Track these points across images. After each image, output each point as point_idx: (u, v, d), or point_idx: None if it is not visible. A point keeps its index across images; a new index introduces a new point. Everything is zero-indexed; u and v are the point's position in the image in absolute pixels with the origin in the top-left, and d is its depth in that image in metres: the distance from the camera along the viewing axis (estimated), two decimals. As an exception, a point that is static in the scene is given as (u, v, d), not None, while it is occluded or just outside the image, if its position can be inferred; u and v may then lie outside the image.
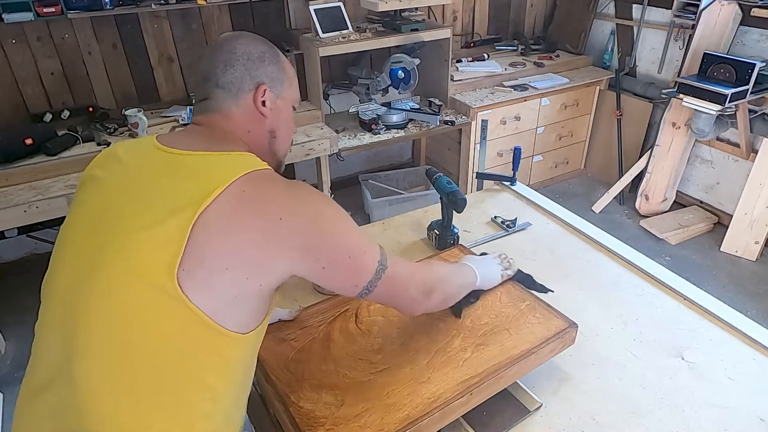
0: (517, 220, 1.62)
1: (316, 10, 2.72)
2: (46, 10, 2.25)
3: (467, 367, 0.98)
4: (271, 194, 0.79)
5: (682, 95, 2.79)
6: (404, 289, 0.93)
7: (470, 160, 3.25)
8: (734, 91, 2.59)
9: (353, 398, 0.92)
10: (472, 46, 3.68)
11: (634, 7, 3.48)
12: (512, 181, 1.82)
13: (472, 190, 2.57)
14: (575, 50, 3.73)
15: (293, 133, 1.04)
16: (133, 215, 0.77)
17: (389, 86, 2.88)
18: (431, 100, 3.11)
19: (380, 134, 2.91)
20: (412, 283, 0.94)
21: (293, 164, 3.19)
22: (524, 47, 3.70)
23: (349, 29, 2.81)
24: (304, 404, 0.91)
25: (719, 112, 2.68)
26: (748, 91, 2.65)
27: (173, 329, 0.73)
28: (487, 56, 3.58)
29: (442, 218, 1.48)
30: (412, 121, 3.03)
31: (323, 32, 2.73)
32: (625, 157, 3.58)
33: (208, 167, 0.81)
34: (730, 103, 2.61)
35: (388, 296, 0.91)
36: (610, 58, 3.67)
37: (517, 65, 3.47)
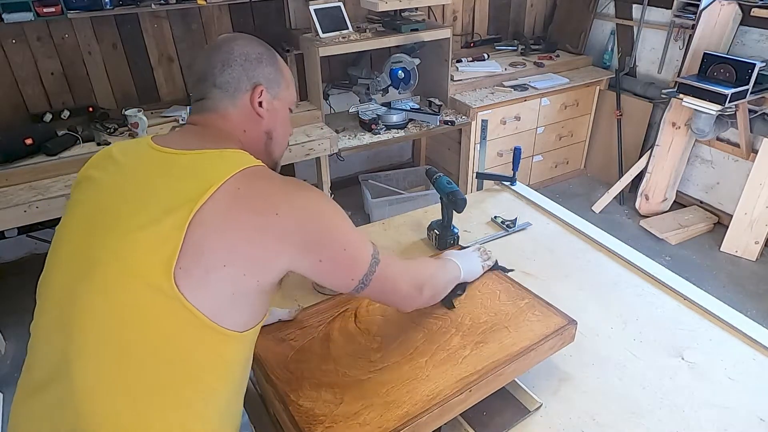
0: (517, 220, 1.62)
1: (316, 10, 2.73)
2: (46, 10, 2.26)
3: (466, 364, 0.98)
4: (266, 190, 0.79)
5: (682, 95, 2.79)
6: (397, 284, 0.94)
7: (470, 160, 3.25)
8: (734, 91, 2.59)
9: (352, 396, 0.92)
10: (472, 46, 3.68)
11: (634, 7, 3.48)
12: (512, 181, 1.82)
13: (472, 190, 2.57)
14: (575, 50, 3.73)
15: (290, 134, 1.05)
16: (129, 215, 0.77)
17: (389, 86, 2.88)
18: (431, 100, 3.11)
19: (380, 134, 2.91)
20: (404, 278, 0.96)
21: (293, 164, 3.19)
22: (524, 47, 3.70)
23: (349, 29, 2.81)
24: (303, 402, 0.91)
25: (719, 112, 2.68)
26: (748, 91, 2.65)
27: (170, 328, 0.73)
28: (487, 56, 3.58)
29: (442, 218, 1.48)
30: (412, 121, 3.03)
31: (323, 32, 2.73)
32: (625, 157, 3.58)
33: (202, 165, 0.81)
34: (730, 103, 2.61)
35: (382, 291, 0.92)
36: (610, 58, 3.67)
37: (517, 65, 3.47)
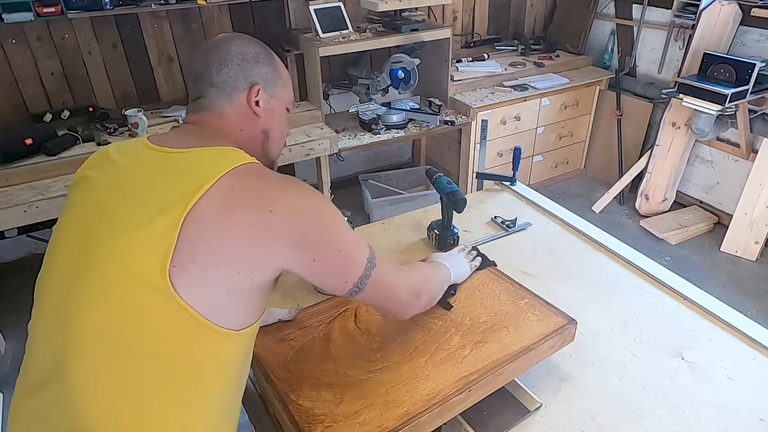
0: (517, 220, 1.62)
1: (316, 10, 2.73)
2: (46, 10, 2.26)
3: (466, 364, 0.98)
4: (260, 188, 0.79)
5: (682, 95, 2.79)
6: (396, 292, 0.94)
7: (470, 160, 3.25)
8: (734, 91, 2.59)
9: (352, 396, 0.92)
10: (472, 46, 3.68)
11: (634, 7, 3.48)
12: (512, 181, 1.82)
13: (472, 190, 2.57)
14: (575, 50, 3.73)
15: (287, 134, 1.04)
16: (126, 215, 0.77)
17: (389, 86, 2.88)
18: (431, 100, 3.11)
19: (380, 134, 2.91)
20: (401, 285, 0.95)
21: (293, 164, 3.18)
22: (524, 47, 3.70)
23: (349, 29, 2.81)
24: (303, 402, 0.91)
25: (719, 112, 2.68)
26: (748, 91, 2.65)
27: (168, 328, 0.73)
28: (487, 56, 3.58)
29: (442, 218, 1.48)
30: (412, 121, 3.03)
31: (323, 32, 2.73)
32: (625, 157, 3.58)
33: (197, 163, 0.81)
34: (730, 103, 2.61)
35: (378, 298, 0.91)
36: (610, 58, 3.67)
37: (517, 65, 3.47)
